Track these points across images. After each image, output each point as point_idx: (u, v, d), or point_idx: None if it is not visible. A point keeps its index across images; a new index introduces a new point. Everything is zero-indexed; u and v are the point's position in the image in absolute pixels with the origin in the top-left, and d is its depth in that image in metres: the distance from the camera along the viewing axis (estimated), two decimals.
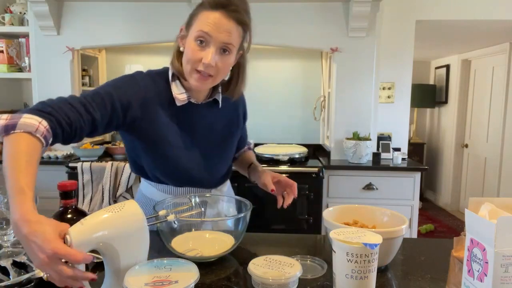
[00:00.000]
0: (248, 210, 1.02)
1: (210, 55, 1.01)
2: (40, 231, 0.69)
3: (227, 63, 1.07)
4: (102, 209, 0.79)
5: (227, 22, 1.02)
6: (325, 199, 2.61)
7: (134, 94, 1.07)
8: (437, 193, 5.36)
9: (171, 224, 1.01)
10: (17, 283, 0.82)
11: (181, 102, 1.13)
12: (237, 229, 1.02)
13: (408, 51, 2.96)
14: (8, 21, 2.84)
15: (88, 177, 2.47)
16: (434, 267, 0.97)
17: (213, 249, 1.00)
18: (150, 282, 0.75)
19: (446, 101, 5.07)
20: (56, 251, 0.66)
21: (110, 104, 1.01)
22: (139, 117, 1.08)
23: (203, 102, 1.18)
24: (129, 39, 2.79)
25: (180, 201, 1.13)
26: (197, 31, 1.02)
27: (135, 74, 1.12)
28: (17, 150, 0.81)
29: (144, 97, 1.08)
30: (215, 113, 1.22)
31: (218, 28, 1.01)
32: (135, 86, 1.08)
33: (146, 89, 1.09)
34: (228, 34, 1.02)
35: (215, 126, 1.22)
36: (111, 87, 1.05)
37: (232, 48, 1.05)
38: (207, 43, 1.02)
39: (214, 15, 1.01)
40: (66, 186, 0.92)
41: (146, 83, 1.10)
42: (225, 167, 1.31)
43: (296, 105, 3.28)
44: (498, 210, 0.68)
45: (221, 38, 1.02)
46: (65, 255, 0.67)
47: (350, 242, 0.73)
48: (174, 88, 1.13)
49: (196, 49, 1.02)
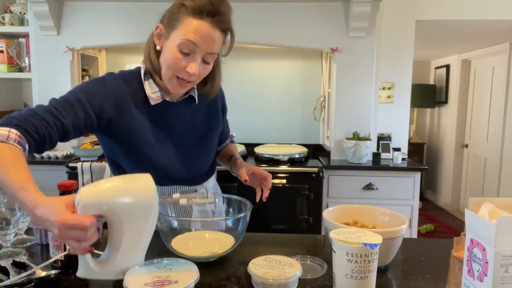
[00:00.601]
0: (248, 210, 1.02)
1: (195, 66, 1.01)
2: (50, 208, 0.73)
3: (208, 70, 1.07)
4: (117, 176, 0.78)
5: (213, 32, 0.99)
6: (325, 199, 2.61)
7: (105, 96, 1.05)
8: (437, 193, 5.36)
9: (171, 224, 1.01)
10: (17, 283, 0.82)
11: (155, 101, 1.12)
12: (237, 229, 1.02)
13: (408, 51, 2.96)
14: (8, 21, 2.84)
15: (88, 177, 2.47)
16: (434, 267, 0.97)
17: (213, 249, 1.00)
18: (150, 282, 0.75)
19: (446, 101, 5.07)
20: (64, 222, 0.70)
21: (81, 109, 1.00)
22: (114, 119, 1.07)
23: (179, 100, 1.17)
24: (129, 39, 2.79)
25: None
26: (181, 39, 0.99)
27: (105, 76, 1.10)
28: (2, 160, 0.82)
29: (116, 98, 1.07)
30: (192, 110, 1.20)
31: (205, 39, 0.99)
32: (106, 88, 1.06)
33: (118, 90, 1.08)
34: (213, 43, 1.01)
35: (193, 123, 1.21)
36: (80, 92, 1.03)
37: (214, 56, 1.05)
38: (192, 53, 1.00)
39: (200, 24, 0.98)
40: (66, 186, 0.92)
41: (117, 84, 1.08)
42: (207, 163, 1.28)
43: (296, 105, 3.27)
44: (498, 210, 0.68)
45: (207, 48, 1.00)
46: (74, 223, 0.70)
47: (350, 242, 0.73)
48: (147, 87, 1.11)
49: (179, 57, 1.00)
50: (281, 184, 2.52)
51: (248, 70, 3.20)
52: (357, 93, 2.80)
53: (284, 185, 2.52)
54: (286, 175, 2.53)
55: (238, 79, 3.17)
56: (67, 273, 0.90)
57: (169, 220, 1.01)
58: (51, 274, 0.85)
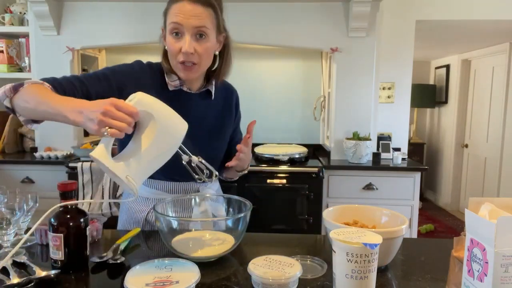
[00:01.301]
0: (248, 210, 1.02)
1: (187, 43, 1.07)
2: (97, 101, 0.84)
3: (206, 47, 1.10)
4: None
5: (193, 8, 1.06)
6: (325, 199, 2.62)
7: (129, 76, 1.14)
8: (437, 193, 5.36)
9: (171, 224, 1.01)
10: (17, 283, 0.82)
11: (173, 87, 1.18)
12: (237, 229, 1.02)
13: (408, 51, 2.96)
14: (8, 21, 2.84)
15: (88, 177, 2.47)
16: (434, 267, 0.97)
17: (213, 249, 1.00)
18: (151, 282, 0.75)
19: (446, 101, 5.07)
20: (117, 101, 0.81)
21: (105, 82, 1.09)
22: None
23: (197, 92, 1.22)
24: (129, 39, 2.79)
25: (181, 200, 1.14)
26: (169, 24, 1.08)
27: (133, 61, 1.21)
28: (37, 90, 0.94)
29: (138, 78, 1.14)
30: (207, 104, 1.25)
31: (186, 16, 1.06)
32: (130, 70, 1.16)
33: (141, 73, 1.16)
34: (197, 18, 1.06)
35: (207, 117, 1.24)
36: (107, 70, 1.14)
37: (207, 31, 1.09)
38: (181, 33, 1.08)
39: (180, 5, 1.06)
40: (66, 186, 0.92)
41: (141, 68, 1.18)
42: (216, 161, 1.28)
43: (296, 105, 3.28)
44: (498, 210, 0.68)
45: (191, 23, 1.06)
46: (124, 105, 0.81)
47: (350, 242, 0.73)
48: (167, 77, 1.19)
49: (173, 41, 1.09)
50: (281, 184, 2.52)
51: (248, 70, 3.20)
52: (357, 93, 2.80)
53: (284, 185, 2.52)
54: (286, 175, 2.53)
55: (238, 79, 3.14)
56: (67, 273, 0.90)
57: (169, 220, 1.01)
58: (51, 274, 0.85)
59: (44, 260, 1.00)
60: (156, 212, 0.98)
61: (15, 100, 0.96)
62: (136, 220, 1.26)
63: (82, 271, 0.92)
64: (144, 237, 1.18)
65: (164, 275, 0.79)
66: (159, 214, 0.98)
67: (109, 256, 0.97)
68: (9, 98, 0.96)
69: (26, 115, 0.98)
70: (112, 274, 0.91)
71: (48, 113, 0.90)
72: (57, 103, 0.89)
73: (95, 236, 1.12)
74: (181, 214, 1.16)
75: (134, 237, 1.13)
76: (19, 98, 0.95)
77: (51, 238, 0.90)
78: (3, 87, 0.97)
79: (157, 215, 0.98)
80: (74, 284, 0.86)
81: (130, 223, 1.27)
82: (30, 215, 1.05)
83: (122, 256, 0.97)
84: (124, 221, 1.30)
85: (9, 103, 0.97)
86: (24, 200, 0.99)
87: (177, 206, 1.15)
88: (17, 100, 0.96)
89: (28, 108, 0.94)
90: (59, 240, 0.89)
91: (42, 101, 0.91)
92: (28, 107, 0.94)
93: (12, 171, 2.64)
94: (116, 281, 0.88)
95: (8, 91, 0.96)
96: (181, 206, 1.16)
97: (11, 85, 0.97)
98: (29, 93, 0.94)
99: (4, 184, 1.13)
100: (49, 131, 2.85)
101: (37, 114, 0.95)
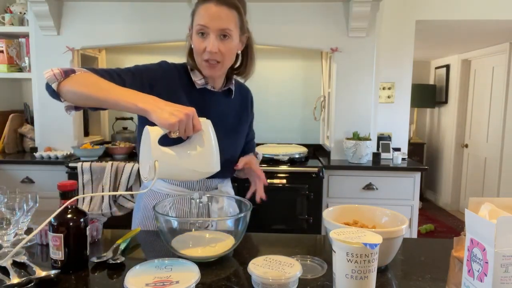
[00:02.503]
0: (248, 210, 1.02)
1: (211, 43, 1.13)
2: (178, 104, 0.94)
3: (229, 47, 1.16)
4: None
5: (218, 10, 1.12)
6: (325, 199, 2.61)
7: (159, 74, 1.19)
8: (437, 193, 5.36)
9: (171, 224, 1.01)
10: (17, 283, 0.82)
11: (199, 85, 1.24)
12: (237, 229, 1.02)
13: (408, 51, 2.96)
14: (8, 21, 2.84)
15: (88, 177, 2.47)
16: (434, 267, 0.97)
17: (213, 249, 1.00)
18: (151, 282, 0.75)
19: (446, 101, 5.07)
20: (193, 113, 0.92)
21: (138, 77, 1.15)
22: (162, 96, 1.16)
23: (220, 90, 1.28)
24: (129, 39, 2.79)
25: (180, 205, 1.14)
26: (196, 25, 1.14)
27: (160, 61, 1.25)
28: (95, 78, 0.99)
29: (167, 78, 1.20)
30: (228, 102, 1.31)
31: (212, 17, 1.12)
32: (159, 68, 1.21)
33: (170, 73, 1.22)
34: (222, 20, 1.12)
35: (227, 114, 1.30)
36: (140, 66, 1.19)
37: (230, 32, 1.15)
38: (206, 34, 1.14)
39: (206, 7, 1.12)
40: (66, 186, 0.92)
41: (169, 67, 1.23)
42: (232, 158, 1.32)
43: (296, 105, 3.28)
44: (498, 210, 0.68)
45: (216, 25, 1.12)
46: (196, 117, 0.93)
47: (350, 242, 0.73)
48: (193, 75, 1.25)
49: (199, 41, 1.15)
50: (281, 184, 2.52)
51: None
52: (357, 93, 2.80)
53: (284, 185, 2.52)
54: (286, 175, 2.53)
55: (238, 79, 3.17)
56: (67, 273, 0.90)
57: (169, 220, 1.01)
58: (51, 274, 0.85)
59: (44, 260, 1.00)
60: (156, 212, 0.98)
61: (64, 85, 0.97)
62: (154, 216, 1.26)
63: (82, 271, 0.92)
64: (144, 237, 1.18)
65: (164, 275, 0.79)
66: (159, 214, 0.98)
67: (109, 256, 0.97)
68: (57, 82, 0.97)
69: (75, 100, 1.00)
70: (112, 274, 0.91)
71: (113, 100, 0.94)
72: (124, 91, 0.96)
73: (95, 236, 1.12)
74: (194, 211, 1.17)
75: (134, 237, 1.13)
76: (71, 84, 0.97)
77: (51, 238, 0.90)
78: (50, 70, 0.98)
79: (157, 215, 0.98)
80: (74, 284, 0.86)
81: (148, 220, 1.28)
82: (30, 215, 1.05)
83: (122, 256, 0.97)
84: (141, 218, 1.30)
85: (56, 86, 0.98)
86: (24, 200, 0.99)
87: (177, 205, 1.16)
88: (68, 85, 0.97)
89: (83, 95, 0.97)
90: (59, 240, 0.89)
91: (107, 88, 0.96)
92: (84, 93, 0.96)
93: (12, 171, 2.64)
94: (116, 281, 0.88)
95: (59, 74, 0.97)
96: (191, 203, 1.18)
97: (60, 69, 0.98)
98: (88, 80, 0.98)
99: (4, 184, 1.13)
100: (49, 131, 2.85)
101: (92, 100, 0.97)
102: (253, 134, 1.53)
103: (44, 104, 2.83)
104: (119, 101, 0.94)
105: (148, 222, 1.28)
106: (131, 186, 2.47)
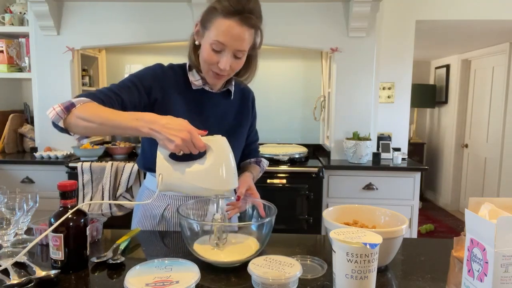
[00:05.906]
0: (273, 215, 1.01)
1: (225, 61, 1.10)
2: (176, 119, 0.94)
3: (240, 64, 1.15)
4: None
5: (240, 30, 1.07)
6: (325, 199, 2.61)
7: (154, 79, 1.18)
8: (437, 193, 5.36)
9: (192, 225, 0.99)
10: (17, 283, 0.82)
11: (196, 86, 1.22)
12: (261, 233, 0.99)
13: (408, 51, 2.96)
14: (8, 21, 2.84)
15: (88, 177, 2.47)
16: (434, 267, 0.97)
17: (237, 254, 0.97)
18: (151, 282, 0.75)
19: (446, 101, 5.07)
20: (191, 131, 0.92)
21: (135, 89, 1.14)
22: (158, 100, 1.17)
23: (218, 91, 1.26)
24: (129, 39, 2.79)
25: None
26: (213, 39, 1.08)
27: (155, 65, 1.23)
28: (95, 109, 0.99)
29: (162, 81, 1.18)
30: (227, 103, 1.29)
31: (232, 37, 1.07)
32: (154, 73, 1.19)
33: (164, 76, 1.20)
34: (242, 41, 1.08)
35: (226, 115, 1.29)
36: (133, 76, 1.18)
37: (244, 52, 1.12)
38: (222, 50, 1.10)
39: (229, 25, 1.06)
40: (66, 186, 0.92)
41: (164, 71, 1.21)
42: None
43: (296, 105, 3.28)
44: (498, 210, 0.68)
45: (235, 46, 1.08)
46: (196, 136, 0.92)
47: (350, 242, 0.73)
48: (191, 76, 1.22)
49: (212, 54, 1.11)
50: (281, 184, 2.52)
51: None
52: (357, 93, 2.80)
53: (284, 185, 2.52)
54: (286, 175, 2.53)
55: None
56: (67, 273, 0.90)
57: (192, 223, 1.00)
58: (51, 274, 0.85)
59: (44, 260, 1.00)
60: (180, 215, 0.97)
61: (69, 120, 0.99)
62: (153, 215, 1.27)
63: (82, 271, 0.92)
64: (144, 237, 1.18)
65: (164, 275, 0.79)
66: (183, 217, 0.97)
67: (109, 256, 0.97)
68: (62, 120, 0.99)
69: (84, 133, 1.01)
70: (112, 274, 0.91)
71: (117, 128, 0.96)
72: (125, 118, 0.96)
73: (95, 236, 1.12)
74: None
75: (134, 237, 1.13)
76: (76, 118, 0.98)
77: (51, 238, 0.90)
78: (52, 109, 0.99)
79: (180, 217, 0.97)
80: (74, 284, 0.86)
81: (146, 218, 1.28)
82: (30, 215, 1.06)
83: (122, 256, 0.97)
84: (139, 217, 1.30)
85: (63, 124, 0.99)
86: (24, 200, 0.99)
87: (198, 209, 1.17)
88: (73, 120, 0.98)
89: (90, 127, 0.98)
90: (59, 240, 0.89)
91: (108, 118, 0.97)
92: (90, 126, 0.98)
93: (12, 171, 2.64)
94: (116, 281, 0.88)
95: (61, 112, 0.98)
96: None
97: (60, 106, 0.99)
98: (88, 112, 0.98)
99: (4, 184, 1.13)
100: (49, 131, 2.85)
101: (101, 131, 0.99)
102: (257, 136, 1.48)
103: (44, 104, 2.83)
104: (127, 130, 0.96)
105: (147, 221, 1.28)
106: (131, 186, 2.47)
